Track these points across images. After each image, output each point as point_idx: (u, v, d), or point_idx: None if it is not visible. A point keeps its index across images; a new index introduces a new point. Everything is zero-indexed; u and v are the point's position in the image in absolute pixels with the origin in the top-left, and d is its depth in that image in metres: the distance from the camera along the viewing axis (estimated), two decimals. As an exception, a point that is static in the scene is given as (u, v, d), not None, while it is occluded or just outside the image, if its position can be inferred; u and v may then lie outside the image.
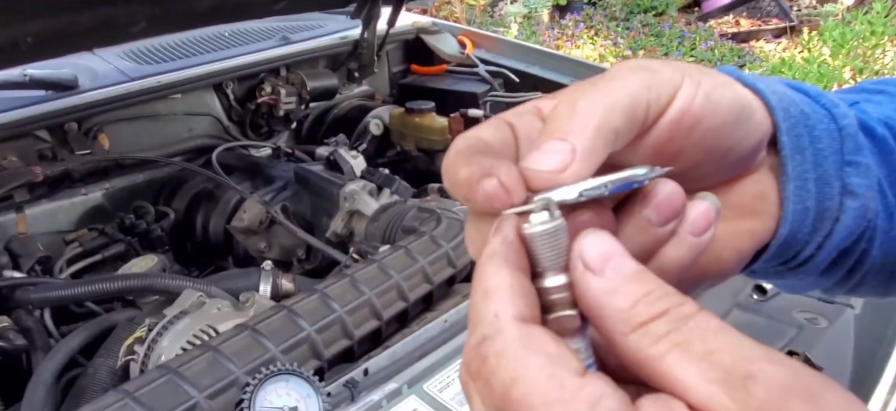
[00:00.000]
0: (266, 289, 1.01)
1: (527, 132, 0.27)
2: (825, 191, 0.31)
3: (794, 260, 0.33)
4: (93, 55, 1.46)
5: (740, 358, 0.19)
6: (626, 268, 0.21)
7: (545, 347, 0.20)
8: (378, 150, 1.60)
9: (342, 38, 1.69)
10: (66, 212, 1.35)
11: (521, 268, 0.22)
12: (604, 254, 0.21)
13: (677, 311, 0.20)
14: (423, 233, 0.99)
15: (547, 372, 0.20)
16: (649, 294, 0.21)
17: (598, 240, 0.22)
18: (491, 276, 0.22)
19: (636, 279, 0.21)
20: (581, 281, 0.22)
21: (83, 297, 1.00)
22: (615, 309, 0.21)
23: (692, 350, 0.19)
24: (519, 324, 0.21)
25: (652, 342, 0.20)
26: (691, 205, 0.26)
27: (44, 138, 1.32)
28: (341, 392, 0.74)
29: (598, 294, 0.21)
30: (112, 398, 0.67)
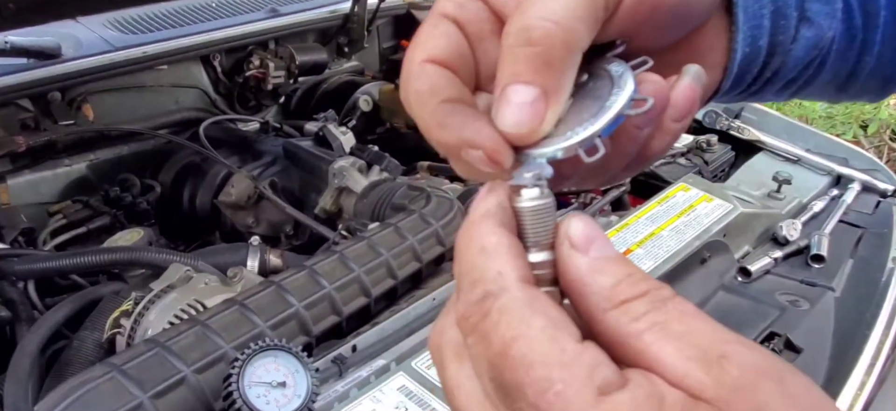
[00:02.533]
0: (254, 265, 1.00)
1: (478, 30, 0.25)
2: (780, 24, 0.31)
3: (742, 93, 0.34)
4: (76, 23, 1.43)
5: (715, 339, 0.20)
6: (609, 250, 0.22)
7: (548, 310, 0.21)
8: (367, 127, 1.59)
9: (332, 11, 1.67)
10: (50, 184, 1.33)
11: (514, 232, 0.23)
12: (589, 235, 0.22)
13: (656, 293, 0.21)
14: (413, 210, 0.99)
15: (549, 333, 0.20)
16: (631, 275, 0.21)
17: (584, 222, 0.22)
18: (488, 234, 0.22)
19: (619, 260, 0.22)
20: (567, 258, 0.22)
21: (68, 269, 0.99)
22: (599, 287, 0.21)
23: (670, 329, 0.20)
24: (523, 286, 0.21)
25: (632, 319, 0.20)
26: (673, 87, 0.25)
27: (26, 107, 1.29)
28: (329, 368, 0.74)
29: (583, 272, 0.22)
30: (99, 371, 0.66)
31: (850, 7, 0.32)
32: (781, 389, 0.19)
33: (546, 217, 0.23)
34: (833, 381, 0.83)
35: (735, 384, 0.19)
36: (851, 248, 1.06)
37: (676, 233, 0.99)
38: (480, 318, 0.21)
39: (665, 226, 1.01)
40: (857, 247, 1.07)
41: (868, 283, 0.99)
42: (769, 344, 0.87)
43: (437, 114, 0.24)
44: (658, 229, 1.00)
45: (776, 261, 1.02)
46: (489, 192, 0.23)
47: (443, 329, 0.24)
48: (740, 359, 0.19)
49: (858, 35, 0.33)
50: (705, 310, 0.96)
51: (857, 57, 0.33)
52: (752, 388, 0.19)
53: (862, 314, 0.93)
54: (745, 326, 0.90)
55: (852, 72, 0.34)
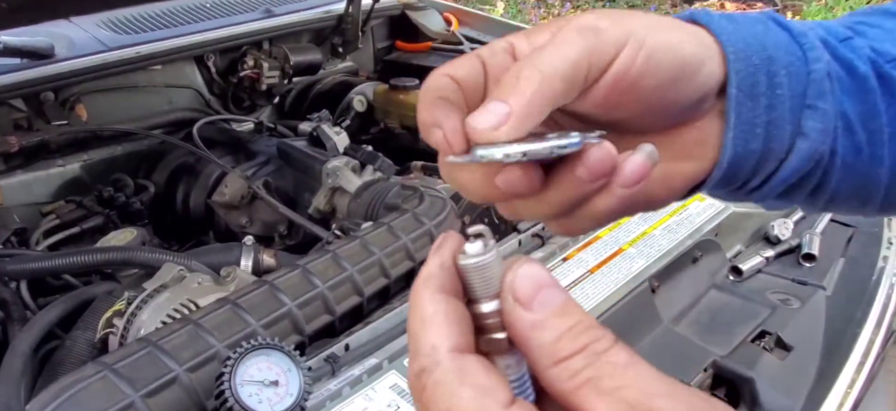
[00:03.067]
0: (247, 264, 1.00)
1: (497, 72, 0.30)
2: (774, 134, 0.32)
3: (739, 189, 0.35)
4: (69, 23, 1.43)
5: (643, 393, 0.21)
6: (553, 301, 0.23)
7: (477, 379, 0.22)
8: (361, 127, 1.59)
9: (326, 12, 1.67)
10: (43, 184, 1.33)
11: (456, 293, 0.24)
12: (534, 286, 0.23)
13: (594, 347, 0.22)
14: (406, 210, 0.99)
15: (477, 403, 0.22)
16: (572, 328, 0.22)
17: (529, 273, 0.23)
18: (427, 303, 0.24)
19: (562, 312, 0.22)
20: (510, 313, 0.23)
21: (61, 270, 0.99)
22: (539, 343, 0.22)
23: (602, 386, 0.21)
24: (454, 356, 0.22)
25: (569, 376, 0.22)
26: (626, 158, 0.28)
27: (19, 108, 1.29)
28: (322, 366, 0.74)
29: (525, 327, 0.23)
30: (91, 370, 0.66)
31: (850, 123, 0.33)
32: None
33: (490, 271, 0.24)
34: (823, 379, 0.84)
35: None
36: (842, 247, 1.07)
37: (668, 232, 0.99)
38: (419, 392, 0.23)
39: (657, 225, 1.01)
40: (848, 247, 1.08)
41: (859, 282, 1.00)
42: (760, 342, 0.88)
43: (430, 101, 0.28)
44: (650, 228, 1.01)
45: (768, 260, 1.03)
46: (433, 253, 0.25)
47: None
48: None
49: (864, 149, 0.34)
50: (697, 309, 0.96)
51: (867, 169, 0.35)
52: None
53: (852, 313, 0.93)
54: (736, 324, 0.91)
55: (866, 184, 0.35)
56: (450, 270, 0.24)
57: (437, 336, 0.23)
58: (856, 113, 0.34)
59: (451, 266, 0.24)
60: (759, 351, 0.86)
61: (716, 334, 0.88)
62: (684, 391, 0.21)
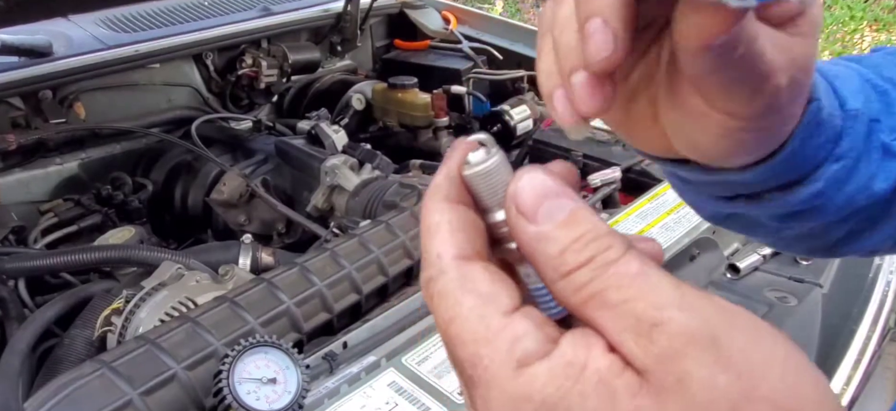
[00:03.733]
0: (245, 263, 1.00)
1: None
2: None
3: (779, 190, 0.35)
4: (68, 21, 1.43)
5: (652, 305, 0.19)
6: (559, 211, 0.21)
7: (479, 287, 0.22)
8: (360, 125, 1.59)
9: (325, 10, 1.67)
10: (41, 182, 1.33)
11: (463, 201, 0.23)
12: (537, 197, 0.22)
13: (602, 257, 0.20)
14: (404, 208, 0.99)
15: (477, 311, 0.21)
16: (578, 240, 0.21)
17: (532, 182, 0.22)
18: (432, 212, 0.23)
19: (568, 224, 0.21)
20: (515, 226, 0.22)
21: (59, 268, 0.99)
22: (545, 256, 0.21)
23: (608, 298, 0.20)
24: (458, 264, 0.22)
25: (575, 290, 0.21)
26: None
27: (17, 106, 1.29)
28: (320, 364, 0.74)
29: (530, 240, 0.22)
30: (89, 368, 0.66)
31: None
32: (709, 355, 0.19)
33: (494, 178, 0.23)
34: (820, 376, 0.84)
35: (661, 354, 0.19)
36: (839, 245, 1.07)
37: (666, 230, 1.00)
38: (429, 299, 0.23)
39: (655, 224, 1.01)
40: (845, 245, 1.08)
41: (855, 280, 1.00)
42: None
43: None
44: (648, 226, 1.01)
45: (765, 258, 1.03)
46: (442, 163, 0.24)
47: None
48: (671, 327, 0.19)
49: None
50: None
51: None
52: (677, 357, 0.19)
53: (849, 310, 0.94)
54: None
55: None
56: (456, 179, 0.24)
57: (442, 244, 0.22)
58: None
59: (457, 175, 0.24)
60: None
61: (713, 332, 0.88)
62: (700, 299, 0.20)
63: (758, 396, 0.19)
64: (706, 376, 0.19)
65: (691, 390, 0.19)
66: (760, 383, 0.19)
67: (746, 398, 0.19)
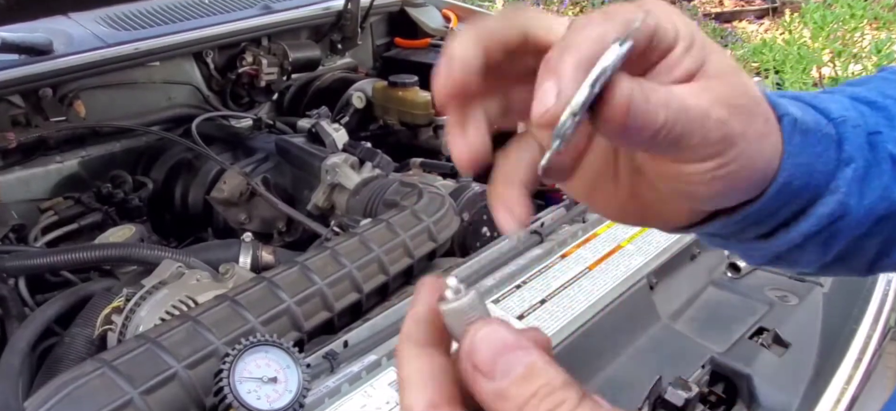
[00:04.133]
0: (246, 261, 1.00)
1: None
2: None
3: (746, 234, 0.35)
4: (68, 19, 1.43)
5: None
6: (515, 367, 0.22)
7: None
8: (360, 124, 1.59)
9: (325, 8, 1.67)
10: (41, 181, 1.33)
11: (432, 344, 0.25)
12: (494, 352, 0.23)
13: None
14: (405, 207, 0.99)
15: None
16: (534, 395, 0.22)
17: (488, 337, 0.23)
18: (404, 363, 0.25)
19: (525, 378, 0.22)
20: (472, 382, 0.23)
21: (59, 266, 0.99)
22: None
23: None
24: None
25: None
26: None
27: (17, 104, 1.29)
28: (321, 363, 0.74)
29: (488, 397, 0.23)
30: (90, 366, 0.66)
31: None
32: None
33: (467, 315, 0.24)
34: (821, 375, 0.84)
35: None
36: (840, 244, 1.07)
37: (667, 230, 0.99)
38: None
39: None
40: (846, 243, 1.08)
41: (856, 279, 1.00)
42: (758, 339, 0.88)
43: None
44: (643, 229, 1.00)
45: (766, 257, 1.03)
46: (410, 306, 0.25)
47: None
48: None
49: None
50: (695, 305, 0.96)
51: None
52: None
53: (849, 309, 0.94)
54: (734, 321, 0.91)
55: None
56: (425, 323, 0.25)
57: (414, 397, 0.24)
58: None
59: (425, 318, 0.25)
60: (756, 348, 0.86)
61: (714, 331, 0.88)
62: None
63: None
64: None
65: None
66: None
67: None
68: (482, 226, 1.12)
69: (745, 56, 3.68)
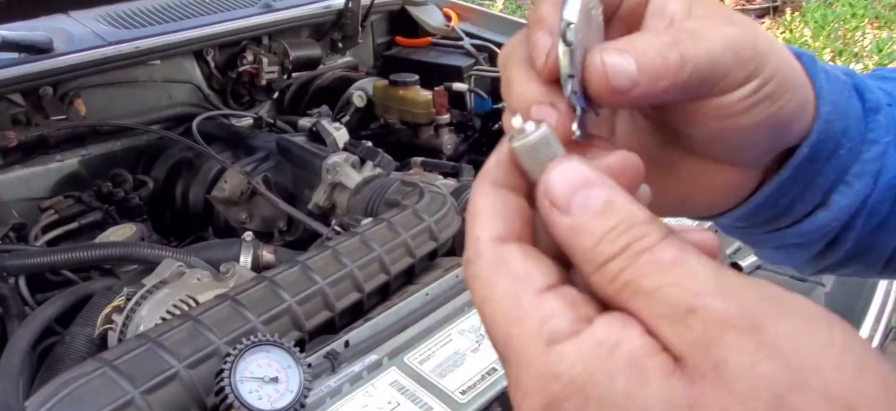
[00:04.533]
0: (246, 261, 1.00)
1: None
2: (806, 198, 0.33)
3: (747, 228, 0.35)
4: (68, 18, 1.43)
5: (686, 292, 0.19)
6: (593, 202, 0.21)
7: (512, 267, 0.22)
8: (361, 123, 1.59)
9: (326, 7, 1.66)
10: (41, 179, 1.33)
11: (509, 186, 0.24)
12: (570, 187, 0.21)
13: (636, 245, 0.20)
14: (406, 206, 0.99)
15: (510, 291, 0.21)
16: (613, 229, 0.21)
17: (565, 172, 0.22)
18: (477, 196, 0.24)
19: (603, 213, 0.21)
20: (548, 218, 0.22)
21: (60, 265, 0.99)
22: (580, 249, 0.21)
23: (641, 286, 0.20)
24: (494, 246, 0.22)
25: (609, 281, 0.20)
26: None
27: (17, 102, 1.29)
28: (322, 363, 0.74)
29: (564, 232, 0.21)
30: (91, 366, 0.66)
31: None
32: (750, 342, 0.18)
33: (539, 152, 0.23)
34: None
35: (696, 340, 0.18)
36: (842, 244, 1.07)
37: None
38: (467, 280, 0.23)
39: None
40: (848, 243, 1.08)
41: (857, 279, 1.00)
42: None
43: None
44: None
45: (767, 257, 1.03)
46: (495, 150, 0.24)
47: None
48: (707, 313, 0.19)
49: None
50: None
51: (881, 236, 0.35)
52: (714, 343, 0.18)
53: (851, 309, 0.94)
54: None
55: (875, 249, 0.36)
56: (505, 164, 0.24)
57: (481, 228, 0.23)
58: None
59: (505, 160, 0.24)
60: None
61: (715, 331, 0.88)
62: (742, 285, 0.19)
63: (809, 387, 0.17)
64: (746, 363, 0.18)
65: (729, 377, 0.18)
66: (812, 373, 0.18)
67: (796, 388, 0.17)
68: (483, 225, 1.12)
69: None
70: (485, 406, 0.69)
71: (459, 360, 0.74)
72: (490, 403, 0.69)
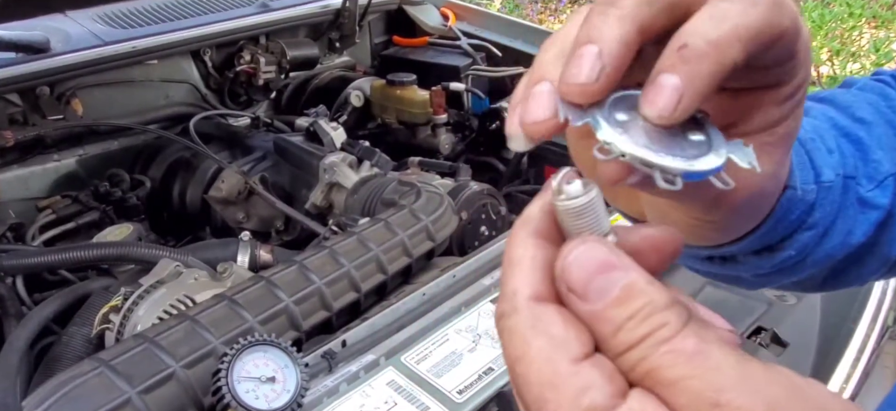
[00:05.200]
0: (244, 260, 1.00)
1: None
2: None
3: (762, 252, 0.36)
4: (65, 17, 1.42)
5: (709, 386, 0.19)
6: (611, 288, 0.21)
7: (550, 329, 0.21)
8: (358, 122, 1.59)
9: (323, 6, 1.66)
10: (39, 179, 1.33)
11: (551, 238, 0.23)
12: (587, 274, 0.21)
13: (656, 336, 0.20)
14: (403, 206, 0.99)
15: (546, 355, 0.21)
16: (632, 317, 0.20)
17: (582, 256, 0.21)
18: (517, 245, 0.23)
19: (622, 300, 0.21)
20: (567, 302, 0.22)
21: (57, 265, 0.99)
22: (601, 336, 0.21)
23: (662, 377, 0.20)
24: (531, 304, 0.22)
25: (630, 369, 0.20)
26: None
27: (14, 102, 1.29)
28: (319, 363, 0.74)
29: (585, 317, 0.21)
30: (88, 366, 0.66)
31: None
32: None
33: (584, 215, 0.22)
34: (819, 375, 0.84)
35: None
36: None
37: (665, 229, 1.00)
38: (500, 333, 0.22)
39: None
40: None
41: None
42: (756, 338, 0.88)
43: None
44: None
45: (764, 257, 1.03)
46: (537, 197, 0.24)
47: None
48: (732, 407, 0.19)
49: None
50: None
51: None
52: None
53: (847, 309, 0.94)
54: (732, 321, 0.90)
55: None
56: (547, 214, 0.23)
57: (520, 281, 0.22)
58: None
59: (548, 210, 0.23)
60: (755, 348, 0.86)
61: (712, 330, 0.88)
62: (766, 379, 0.19)
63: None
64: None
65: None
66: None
67: None
68: (480, 225, 1.12)
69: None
70: (482, 405, 0.69)
71: (456, 360, 0.74)
72: (487, 402, 0.70)
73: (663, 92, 0.22)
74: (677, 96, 0.22)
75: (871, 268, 0.39)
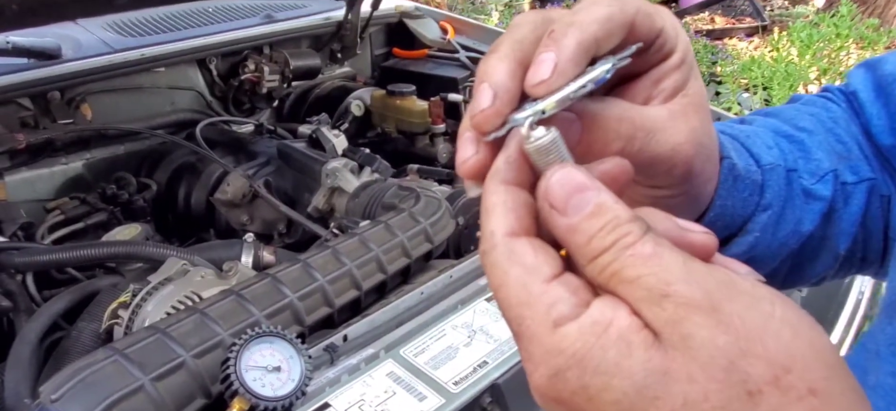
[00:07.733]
0: (248, 260, 1.03)
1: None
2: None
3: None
4: (76, 25, 1.46)
5: (661, 280, 0.23)
6: (586, 204, 0.25)
7: (524, 259, 0.26)
8: (359, 131, 1.62)
9: (326, 18, 1.71)
10: (47, 181, 1.36)
11: (519, 183, 0.27)
12: (566, 192, 0.25)
13: (621, 242, 0.24)
14: (403, 209, 1.02)
15: (521, 280, 0.25)
16: (603, 228, 0.25)
17: (563, 178, 0.26)
18: (491, 194, 0.27)
19: (594, 214, 0.25)
20: (548, 218, 0.26)
21: (67, 262, 1.01)
22: (575, 245, 0.25)
23: (625, 275, 0.24)
24: (506, 239, 0.26)
25: (600, 271, 0.25)
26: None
27: (26, 106, 1.32)
28: (322, 355, 0.77)
29: (561, 231, 0.26)
30: (103, 354, 0.69)
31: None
32: (710, 320, 0.23)
33: (552, 151, 0.26)
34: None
35: (669, 319, 0.23)
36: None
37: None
38: (484, 268, 0.27)
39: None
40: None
41: (832, 285, 1.05)
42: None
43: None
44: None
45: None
46: (502, 149, 0.28)
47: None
48: (676, 298, 0.23)
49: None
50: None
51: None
52: (682, 321, 0.23)
53: (825, 312, 0.98)
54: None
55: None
56: (514, 161, 0.27)
57: (496, 222, 0.26)
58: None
59: (515, 156, 0.27)
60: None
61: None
62: (705, 274, 0.23)
63: (753, 353, 0.22)
64: (707, 337, 0.23)
65: (694, 347, 0.23)
66: (756, 343, 0.22)
67: (742, 354, 0.22)
68: (477, 229, 1.15)
69: (734, 72, 3.74)
70: (477, 395, 0.73)
71: (452, 353, 0.77)
72: (481, 393, 0.73)
73: (542, 65, 0.27)
74: (552, 65, 0.27)
75: (825, 261, 0.43)
